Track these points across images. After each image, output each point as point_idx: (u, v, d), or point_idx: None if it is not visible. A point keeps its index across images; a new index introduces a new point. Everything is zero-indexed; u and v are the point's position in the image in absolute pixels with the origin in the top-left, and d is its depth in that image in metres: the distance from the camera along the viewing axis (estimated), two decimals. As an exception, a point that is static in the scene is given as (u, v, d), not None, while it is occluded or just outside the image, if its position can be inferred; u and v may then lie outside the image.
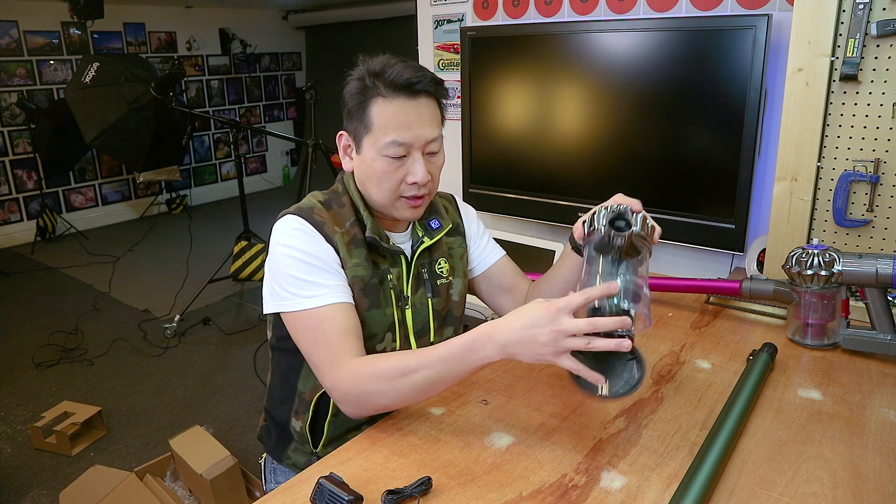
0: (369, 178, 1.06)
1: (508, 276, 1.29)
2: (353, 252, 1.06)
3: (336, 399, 0.98)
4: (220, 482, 1.95)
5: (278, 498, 0.82)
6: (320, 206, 1.09)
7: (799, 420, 0.97)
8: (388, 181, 1.04)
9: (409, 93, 1.01)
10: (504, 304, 1.28)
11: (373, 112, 1.01)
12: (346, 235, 1.07)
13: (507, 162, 2.38)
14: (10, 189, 5.22)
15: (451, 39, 2.66)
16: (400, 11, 5.53)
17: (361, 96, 1.02)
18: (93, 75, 3.83)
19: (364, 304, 1.07)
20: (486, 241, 1.30)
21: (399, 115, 1.01)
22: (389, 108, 1.01)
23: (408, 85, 1.00)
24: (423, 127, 1.03)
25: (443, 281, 1.18)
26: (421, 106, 1.03)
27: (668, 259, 2.27)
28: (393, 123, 1.01)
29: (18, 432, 2.55)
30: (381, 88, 1.01)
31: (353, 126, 1.05)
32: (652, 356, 1.19)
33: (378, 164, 1.03)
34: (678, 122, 1.97)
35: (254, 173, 7.12)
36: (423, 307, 1.14)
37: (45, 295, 4.08)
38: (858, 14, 1.36)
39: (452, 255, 1.21)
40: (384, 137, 1.01)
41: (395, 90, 1.00)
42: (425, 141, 1.03)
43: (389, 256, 1.11)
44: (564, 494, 0.81)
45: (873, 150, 1.42)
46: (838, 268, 1.15)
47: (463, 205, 1.31)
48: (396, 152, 1.01)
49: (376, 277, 1.08)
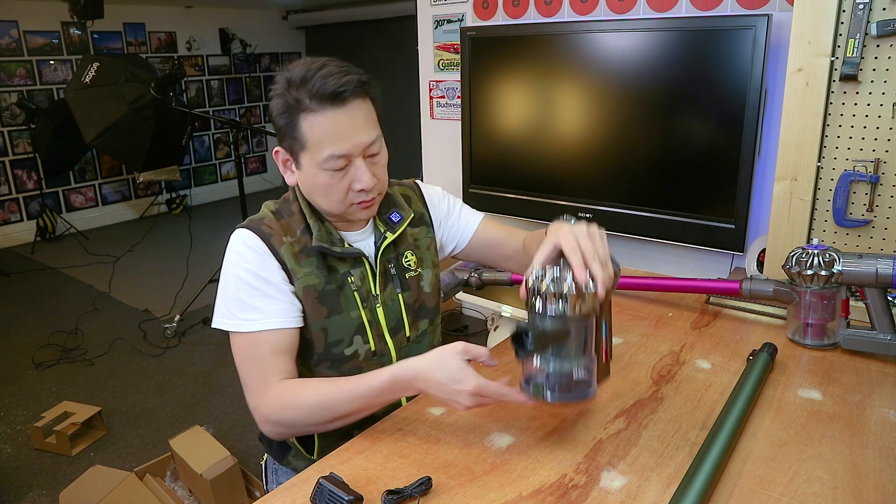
0: (314, 191, 1.04)
1: (495, 236, 1.25)
2: (304, 262, 1.05)
3: (257, 420, 1.01)
4: (220, 482, 1.95)
5: (278, 498, 0.82)
6: (271, 216, 1.08)
7: (799, 420, 0.97)
8: (335, 192, 1.02)
9: (336, 101, 0.95)
10: (505, 264, 1.27)
11: (303, 128, 0.97)
12: (296, 245, 1.05)
13: (507, 162, 2.38)
14: (10, 189, 5.22)
15: (451, 39, 2.66)
16: (400, 11, 5.53)
17: (289, 115, 0.97)
18: (93, 75, 3.82)
19: (321, 312, 1.06)
20: (461, 213, 1.26)
21: (331, 128, 0.96)
22: (319, 123, 0.96)
23: (334, 95, 0.95)
24: (359, 133, 0.98)
25: (412, 274, 1.15)
26: (352, 111, 0.97)
27: (668, 259, 2.27)
28: (328, 137, 0.96)
29: (18, 432, 2.55)
30: (306, 102, 0.95)
31: (287, 143, 1.01)
32: (652, 356, 1.19)
33: (320, 177, 1.00)
34: (678, 122, 1.97)
35: (254, 173, 7.12)
36: (395, 303, 1.13)
37: (45, 295, 4.08)
38: (858, 14, 1.36)
39: (419, 247, 1.18)
40: (320, 153, 0.97)
41: (321, 102, 0.95)
42: (363, 147, 1.00)
43: (348, 259, 1.09)
44: (564, 494, 0.81)
45: (873, 150, 1.42)
46: (838, 268, 1.15)
47: (427, 189, 1.25)
48: (336, 165, 0.98)
49: (333, 283, 1.07)
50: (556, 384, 0.85)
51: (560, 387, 0.85)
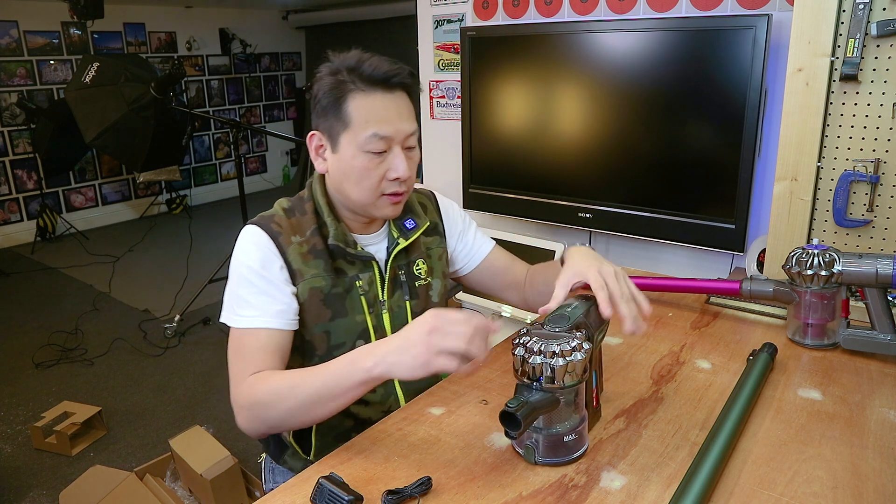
0: (348, 176, 1.03)
1: (501, 265, 1.27)
2: (311, 263, 1.05)
3: (235, 412, 0.98)
4: (220, 482, 1.95)
5: (278, 498, 0.82)
6: (282, 214, 1.07)
7: (799, 420, 0.97)
8: (369, 178, 1.02)
9: (386, 86, 0.99)
10: (504, 293, 1.27)
11: (350, 107, 0.99)
12: (304, 245, 1.05)
13: (507, 162, 2.38)
14: (10, 189, 5.22)
15: (451, 39, 2.66)
16: (400, 11, 5.53)
17: (337, 91, 0.99)
18: (93, 75, 3.83)
19: (326, 314, 1.06)
20: (474, 236, 1.27)
21: (379, 109, 0.99)
22: (368, 102, 0.99)
23: (385, 78, 0.99)
24: (403, 121, 1.01)
25: (421, 282, 1.15)
26: (398, 99, 1.01)
27: (668, 259, 2.27)
28: (373, 117, 0.99)
29: (18, 432, 2.55)
30: (357, 83, 0.99)
31: (329, 124, 1.02)
32: (652, 356, 1.19)
33: (358, 160, 1.01)
34: (678, 122, 1.97)
35: (254, 173, 7.12)
36: (401, 310, 1.12)
37: (45, 295, 4.08)
38: (858, 14, 1.36)
39: (430, 256, 1.18)
40: (364, 132, 0.99)
41: (373, 84, 0.99)
42: (405, 135, 1.02)
43: (358, 262, 1.09)
44: (564, 494, 0.81)
45: (873, 150, 1.42)
46: (838, 268, 1.15)
47: (444, 201, 1.27)
48: (377, 147, 0.99)
49: (340, 286, 1.07)
50: (547, 448, 0.86)
51: (551, 451, 0.86)
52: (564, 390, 0.84)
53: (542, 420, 0.85)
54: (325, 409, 0.91)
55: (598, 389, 0.98)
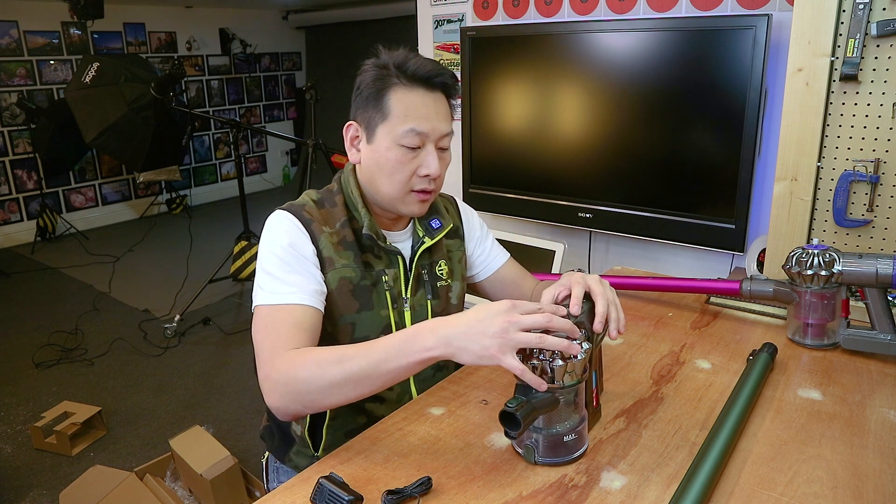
0: (381, 168, 1.04)
1: (512, 277, 1.29)
2: (342, 253, 1.05)
3: (265, 391, 0.93)
4: (220, 482, 1.95)
5: (279, 498, 0.82)
6: (312, 205, 1.08)
7: (799, 420, 0.97)
8: (401, 172, 1.03)
9: (428, 85, 1.02)
10: None
11: (391, 100, 1.01)
12: (335, 236, 1.06)
13: (507, 162, 2.38)
14: (10, 189, 5.22)
15: (451, 39, 2.66)
16: (400, 11, 5.53)
17: (380, 83, 1.02)
18: (93, 75, 3.83)
19: (353, 306, 1.06)
20: (491, 245, 1.30)
21: (419, 105, 1.01)
22: (409, 97, 1.01)
23: (428, 77, 1.02)
24: (441, 120, 1.04)
25: (442, 283, 1.17)
26: (437, 99, 1.04)
27: (668, 259, 2.27)
28: (413, 112, 1.01)
29: (18, 432, 2.55)
30: (401, 78, 1.01)
31: (368, 114, 1.04)
32: (652, 356, 1.20)
33: (392, 153, 1.02)
34: (678, 122, 1.97)
35: (254, 173, 7.12)
36: (422, 309, 1.14)
37: (45, 295, 4.08)
38: (858, 14, 1.36)
39: (451, 258, 1.20)
40: (402, 125, 1.01)
41: (415, 81, 1.01)
42: (441, 134, 1.04)
43: (385, 257, 1.10)
44: (564, 494, 0.81)
45: (873, 150, 1.42)
46: (838, 268, 1.15)
47: (464, 207, 1.30)
48: (413, 142, 1.01)
49: (368, 279, 1.07)
50: (547, 448, 0.86)
51: (550, 451, 0.86)
52: (564, 390, 0.84)
53: (542, 420, 0.85)
54: (370, 386, 0.86)
55: (598, 389, 0.98)
